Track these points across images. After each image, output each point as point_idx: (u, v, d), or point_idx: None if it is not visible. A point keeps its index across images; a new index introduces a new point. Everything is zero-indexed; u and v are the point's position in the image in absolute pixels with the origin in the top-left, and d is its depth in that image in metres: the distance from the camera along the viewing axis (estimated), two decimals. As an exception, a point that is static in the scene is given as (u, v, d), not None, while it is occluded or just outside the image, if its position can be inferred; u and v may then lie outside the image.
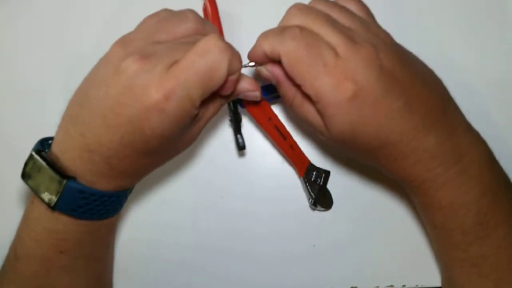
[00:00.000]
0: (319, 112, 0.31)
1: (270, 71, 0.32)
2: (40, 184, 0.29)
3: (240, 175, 0.40)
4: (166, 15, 0.31)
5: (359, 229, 0.40)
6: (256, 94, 0.33)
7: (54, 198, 0.29)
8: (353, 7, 0.33)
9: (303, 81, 0.29)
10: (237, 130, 0.38)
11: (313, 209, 0.40)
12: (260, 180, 0.40)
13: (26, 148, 0.31)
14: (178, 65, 0.27)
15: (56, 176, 0.29)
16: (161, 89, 0.27)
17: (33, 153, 0.30)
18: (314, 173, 0.40)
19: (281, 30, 0.30)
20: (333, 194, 0.40)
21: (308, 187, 0.39)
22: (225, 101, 0.33)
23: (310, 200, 0.39)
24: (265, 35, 0.31)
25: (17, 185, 0.39)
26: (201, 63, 0.27)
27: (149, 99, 0.27)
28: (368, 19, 0.33)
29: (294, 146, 0.39)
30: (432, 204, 0.33)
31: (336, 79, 0.28)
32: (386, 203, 0.40)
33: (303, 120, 0.33)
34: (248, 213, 0.40)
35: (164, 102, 0.27)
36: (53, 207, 0.29)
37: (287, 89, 0.32)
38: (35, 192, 0.30)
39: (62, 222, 0.30)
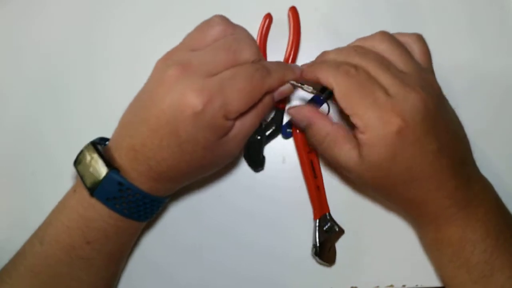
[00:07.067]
0: (359, 143, 0.32)
1: (302, 113, 0.35)
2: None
3: (240, 174, 0.40)
4: (197, 26, 0.34)
5: (359, 229, 0.40)
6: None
7: (95, 184, 0.31)
8: (416, 48, 0.35)
9: (353, 112, 0.32)
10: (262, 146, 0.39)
11: (313, 257, 0.39)
12: (260, 180, 0.40)
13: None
14: (222, 77, 0.30)
15: (103, 164, 0.31)
16: (201, 94, 0.29)
17: (89, 143, 0.33)
18: (329, 224, 0.39)
19: (337, 65, 0.33)
20: (334, 194, 0.40)
21: (317, 234, 0.39)
22: (261, 118, 0.35)
23: (313, 248, 0.39)
24: (320, 66, 0.34)
25: (17, 185, 0.41)
26: (243, 84, 0.31)
27: (188, 103, 0.29)
28: (425, 64, 0.35)
29: (321, 188, 0.39)
30: (442, 240, 0.35)
31: (385, 113, 0.31)
32: (386, 203, 0.40)
33: (332, 159, 0.35)
34: (247, 212, 0.40)
35: (201, 107, 0.29)
36: (92, 192, 0.31)
37: (319, 129, 0.34)
38: (81, 176, 0.32)
39: (96, 210, 0.32)
